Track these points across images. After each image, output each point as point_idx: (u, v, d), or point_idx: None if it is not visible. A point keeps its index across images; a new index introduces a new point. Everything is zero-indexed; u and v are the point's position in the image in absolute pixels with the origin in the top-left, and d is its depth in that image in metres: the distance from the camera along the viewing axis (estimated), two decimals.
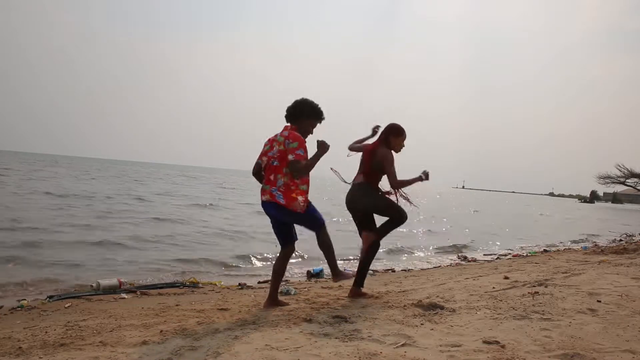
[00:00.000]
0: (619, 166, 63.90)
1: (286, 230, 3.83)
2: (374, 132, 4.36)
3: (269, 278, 6.05)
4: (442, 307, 3.64)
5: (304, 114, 3.76)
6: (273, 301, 3.84)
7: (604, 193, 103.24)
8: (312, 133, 3.84)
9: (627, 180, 65.58)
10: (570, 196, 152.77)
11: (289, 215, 3.69)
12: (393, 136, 4.11)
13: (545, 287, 4.44)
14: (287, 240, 3.85)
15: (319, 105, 3.83)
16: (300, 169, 3.60)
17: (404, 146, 4.15)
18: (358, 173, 4.18)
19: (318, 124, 3.87)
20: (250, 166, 3.91)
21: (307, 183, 3.75)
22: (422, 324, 3.19)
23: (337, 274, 3.91)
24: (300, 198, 3.66)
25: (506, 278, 5.16)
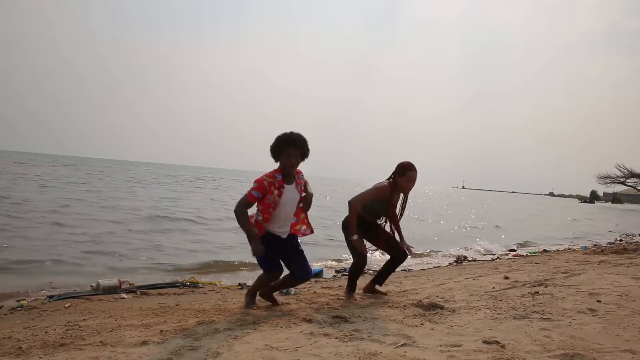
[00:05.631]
0: (619, 166, 64.05)
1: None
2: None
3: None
4: (442, 307, 3.64)
5: (276, 152, 3.67)
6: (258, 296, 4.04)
7: (604, 193, 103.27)
8: (296, 160, 3.66)
9: (627, 180, 65.65)
10: (570, 196, 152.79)
11: None
12: (397, 175, 3.99)
13: (545, 287, 4.44)
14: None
15: (285, 134, 3.66)
16: (235, 209, 3.59)
17: (411, 186, 3.97)
18: None
19: (293, 150, 3.63)
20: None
21: (268, 220, 3.65)
22: (422, 324, 3.19)
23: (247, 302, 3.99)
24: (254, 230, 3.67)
25: (506, 278, 5.17)
